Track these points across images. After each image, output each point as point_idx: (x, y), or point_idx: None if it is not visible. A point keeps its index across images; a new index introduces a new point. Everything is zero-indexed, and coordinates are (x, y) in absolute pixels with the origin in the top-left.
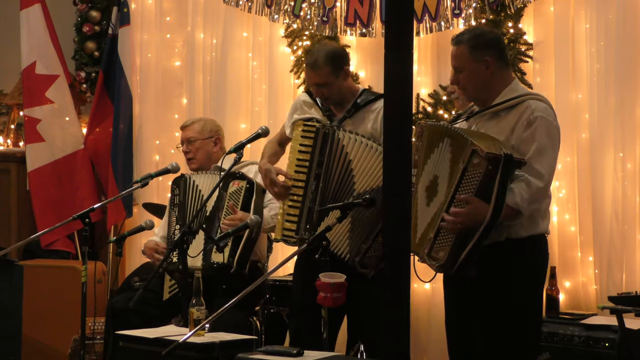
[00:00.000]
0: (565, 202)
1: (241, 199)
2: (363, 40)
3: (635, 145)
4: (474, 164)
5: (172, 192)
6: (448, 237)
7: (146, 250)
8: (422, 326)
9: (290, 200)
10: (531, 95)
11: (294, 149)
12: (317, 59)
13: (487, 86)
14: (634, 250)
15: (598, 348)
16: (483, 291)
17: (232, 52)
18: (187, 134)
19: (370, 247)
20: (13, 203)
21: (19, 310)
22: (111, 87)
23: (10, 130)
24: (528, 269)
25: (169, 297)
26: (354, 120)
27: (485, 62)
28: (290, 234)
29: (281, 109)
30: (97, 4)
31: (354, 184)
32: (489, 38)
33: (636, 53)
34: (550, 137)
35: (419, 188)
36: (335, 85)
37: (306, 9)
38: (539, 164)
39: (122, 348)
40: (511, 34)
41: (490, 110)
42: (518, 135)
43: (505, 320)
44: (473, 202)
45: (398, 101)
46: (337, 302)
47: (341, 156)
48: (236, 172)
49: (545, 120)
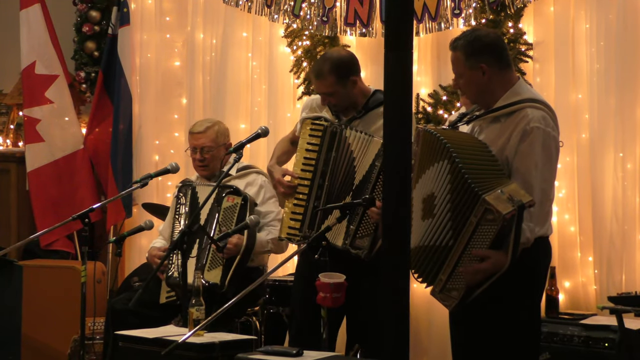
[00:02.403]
0: (565, 202)
1: (236, 215)
2: (363, 40)
3: (636, 145)
4: (487, 219)
5: (178, 198)
6: (461, 282)
7: (149, 258)
8: (422, 327)
9: (296, 198)
10: (530, 101)
11: (301, 147)
12: (322, 68)
13: (486, 91)
14: (634, 251)
15: (598, 348)
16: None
17: (232, 52)
18: (202, 142)
19: (359, 227)
20: (13, 203)
21: (19, 310)
22: (111, 87)
23: (9, 130)
24: (528, 272)
25: (165, 302)
26: (363, 121)
27: (481, 69)
28: (295, 232)
29: (281, 109)
30: (96, 4)
31: (354, 179)
32: (485, 43)
33: (636, 53)
34: (545, 149)
35: (415, 195)
36: (341, 93)
37: (306, 9)
38: (535, 180)
39: (121, 348)
40: (511, 34)
41: (491, 115)
42: (512, 145)
43: (506, 324)
44: (490, 257)
45: (398, 101)
46: (336, 302)
47: (347, 154)
48: (231, 186)
49: (542, 132)
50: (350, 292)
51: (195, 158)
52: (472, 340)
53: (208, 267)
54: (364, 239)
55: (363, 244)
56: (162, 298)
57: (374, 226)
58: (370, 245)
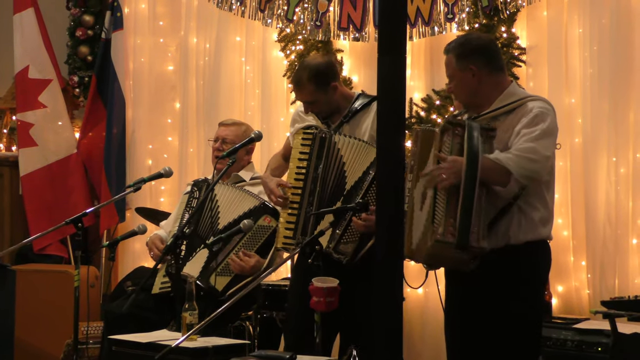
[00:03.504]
0: (558, 207)
1: (266, 236)
2: (356, 44)
3: (628, 149)
4: (444, 140)
5: (192, 192)
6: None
7: (149, 242)
8: (416, 331)
9: (290, 207)
10: (530, 97)
11: (294, 157)
12: (301, 77)
13: (477, 93)
14: (627, 255)
15: (591, 352)
16: (484, 299)
17: (226, 57)
18: (226, 133)
19: (345, 233)
20: (6, 207)
21: (12, 315)
22: (104, 91)
23: (3, 135)
24: (527, 276)
25: (158, 292)
26: (351, 124)
27: (471, 71)
28: (289, 241)
29: (274, 114)
30: (90, 8)
31: (345, 184)
32: (475, 45)
33: (629, 58)
34: (548, 127)
35: (415, 194)
36: (323, 101)
37: (299, 14)
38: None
39: (115, 352)
40: (504, 39)
41: (489, 115)
42: (517, 129)
43: (504, 329)
44: (450, 157)
45: (391, 105)
46: (330, 307)
47: (337, 159)
48: (272, 207)
49: (545, 113)
50: (343, 296)
51: (215, 147)
52: (470, 344)
53: (218, 272)
54: (348, 245)
55: (346, 249)
56: (156, 288)
57: (359, 234)
58: (353, 253)
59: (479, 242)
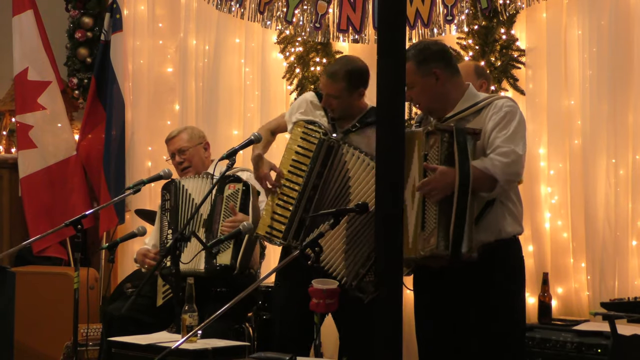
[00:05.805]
0: (557, 209)
1: (238, 201)
2: (355, 46)
3: (628, 151)
4: (430, 144)
5: (163, 197)
6: (432, 220)
7: (137, 257)
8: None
9: (280, 199)
10: (496, 96)
11: (290, 148)
12: (338, 71)
13: (441, 97)
14: (627, 257)
15: (590, 354)
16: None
17: (225, 59)
18: (176, 145)
19: (369, 272)
20: (5, 209)
21: (11, 317)
22: (103, 93)
23: (2, 137)
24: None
25: (162, 302)
26: (359, 136)
27: (434, 75)
28: (277, 234)
29: (274, 115)
30: (89, 10)
31: (349, 201)
32: (434, 50)
33: (628, 59)
34: (519, 125)
35: (406, 194)
36: (346, 101)
37: (299, 15)
38: (512, 144)
39: (114, 354)
40: (504, 41)
41: (457, 117)
42: (489, 129)
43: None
44: (439, 169)
45: (391, 107)
46: (329, 309)
47: (341, 172)
48: (230, 175)
49: (514, 111)
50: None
51: (175, 162)
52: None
53: (216, 251)
54: (369, 284)
55: (369, 288)
56: (159, 300)
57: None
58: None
59: (470, 252)
